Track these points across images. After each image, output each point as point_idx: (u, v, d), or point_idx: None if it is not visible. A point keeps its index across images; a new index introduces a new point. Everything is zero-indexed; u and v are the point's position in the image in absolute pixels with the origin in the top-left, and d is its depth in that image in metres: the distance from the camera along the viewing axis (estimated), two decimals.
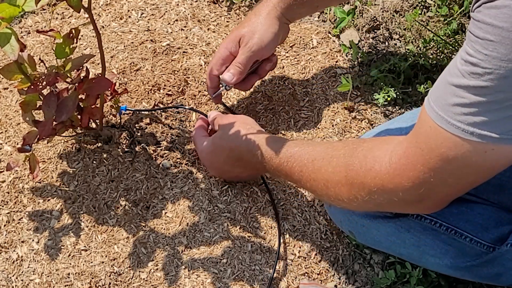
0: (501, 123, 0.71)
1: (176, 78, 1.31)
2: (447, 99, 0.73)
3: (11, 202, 1.14)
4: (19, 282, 1.07)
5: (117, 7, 1.45)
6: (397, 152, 0.83)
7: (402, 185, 0.82)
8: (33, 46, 1.37)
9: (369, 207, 0.94)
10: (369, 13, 1.46)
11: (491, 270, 0.98)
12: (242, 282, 1.08)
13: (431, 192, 0.82)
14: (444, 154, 0.76)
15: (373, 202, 0.88)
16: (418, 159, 0.79)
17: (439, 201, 0.87)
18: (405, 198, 0.84)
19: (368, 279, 1.11)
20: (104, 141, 1.21)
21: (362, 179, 0.86)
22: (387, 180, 0.83)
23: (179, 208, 1.15)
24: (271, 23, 1.15)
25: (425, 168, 0.79)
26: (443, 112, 0.74)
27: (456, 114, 0.72)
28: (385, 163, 0.84)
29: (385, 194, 0.85)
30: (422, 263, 1.05)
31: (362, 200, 0.89)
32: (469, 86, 0.70)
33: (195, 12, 1.45)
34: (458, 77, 0.71)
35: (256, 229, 1.14)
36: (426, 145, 0.78)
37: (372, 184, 0.85)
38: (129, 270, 1.08)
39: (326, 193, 0.94)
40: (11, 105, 1.28)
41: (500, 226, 0.98)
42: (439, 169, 0.78)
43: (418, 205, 0.86)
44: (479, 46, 0.68)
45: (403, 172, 0.81)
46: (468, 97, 0.70)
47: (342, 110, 1.31)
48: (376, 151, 0.87)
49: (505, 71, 0.66)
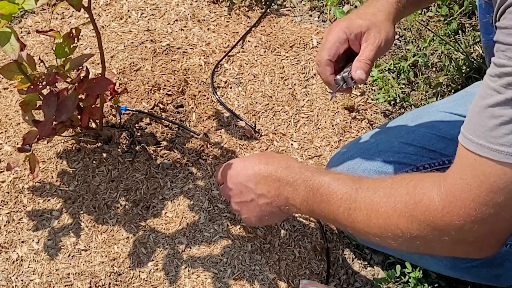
0: None
1: (176, 78, 1.31)
2: (485, 124, 0.69)
3: (11, 202, 1.14)
4: (19, 282, 1.07)
5: (117, 7, 1.45)
6: (445, 188, 0.77)
7: (453, 223, 0.75)
8: (33, 46, 1.37)
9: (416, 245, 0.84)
10: None
11: (491, 270, 0.98)
12: (242, 282, 1.08)
13: (485, 230, 0.75)
14: (494, 184, 0.70)
15: (421, 239, 0.81)
16: (466, 195, 0.73)
17: (494, 240, 0.78)
18: (455, 238, 0.77)
19: (368, 279, 1.11)
20: (104, 141, 1.21)
21: (412, 211, 0.79)
22: (437, 217, 0.77)
23: (179, 208, 1.15)
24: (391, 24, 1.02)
25: (476, 204, 0.73)
26: (483, 140, 0.70)
27: (498, 138, 0.68)
28: (434, 198, 0.77)
29: (435, 231, 0.78)
30: (422, 264, 1.05)
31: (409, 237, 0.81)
32: (507, 100, 0.66)
33: (195, 12, 1.45)
34: (492, 96, 0.68)
35: (256, 229, 1.14)
36: (474, 179, 0.72)
37: (421, 218, 0.78)
38: (129, 270, 1.08)
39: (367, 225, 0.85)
40: (11, 105, 1.28)
41: None
42: (491, 202, 0.72)
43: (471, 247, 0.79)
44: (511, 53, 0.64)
45: (453, 210, 0.75)
46: (507, 114, 0.66)
47: (342, 110, 1.31)
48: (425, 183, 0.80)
49: None
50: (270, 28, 1.44)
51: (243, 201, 1.00)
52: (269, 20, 1.46)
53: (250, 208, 1.00)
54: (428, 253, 0.87)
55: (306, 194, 0.92)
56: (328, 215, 0.91)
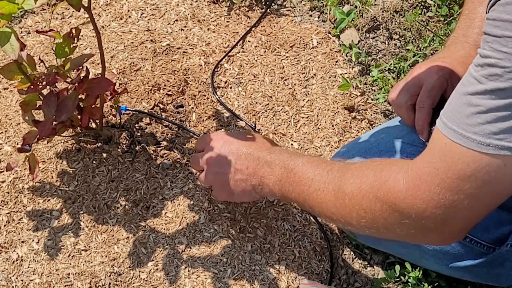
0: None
1: (176, 78, 1.31)
2: (462, 111, 0.69)
3: (11, 202, 1.14)
4: (19, 282, 1.07)
5: (117, 7, 1.45)
6: (412, 170, 0.77)
7: (416, 207, 0.75)
8: (33, 46, 1.37)
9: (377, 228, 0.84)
10: (369, 13, 1.46)
11: (491, 270, 0.98)
12: (242, 282, 1.08)
13: (447, 217, 0.75)
14: (461, 171, 0.70)
15: (382, 222, 0.81)
16: (432, 179, 0.73)
17: (456, 229, 0.78)
18: (417, 222, 0.77)
19: (368, 279, 1.11)
20: (104, 141, 1.21)
21: (376, 192, 0.80)
22: (400, 199, 0.77)
23: (179, 208, 1.15)
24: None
25: (440, 189, 0.73)
26: (457, 125, 0.70)
27: (472, 126, 0.68)
28: (399, 180, 0.78)
29: (396, 213, 0.78)
30: (422, 263, 1.05)
31: (371, 218, 0.82)
32: (486, 90, 0.66)
33: (195, 12, 1.45)
34: (473, 85, 0.68)
35: (256, 229, 1.14)
36: (441, 164, 0.72)
37: (384, 199, 0.79)
38: (129, 270, 1.08)
39: (334, 204, 0.87)
40: (11, 105, 1.28)
41: (500, 227, 0.98)
42: (456, 189, 0.72)
43: (432, 233, 0.79)
44: (497, 44, 0.65)
45: (416, 193, 0.75)
46: (485, 104, 0.66)
47: (342, 110, 1.31)
48: (392, 165, 0.81)
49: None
50: (270, 28, 1.44)
51: (219, 172, 1.02)
52: (269, 20, 1.46)
53: (225, 181, 1.02)
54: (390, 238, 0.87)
55: (280, 175, 0.95)
56: (299, 196, 0.93)
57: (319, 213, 0.91)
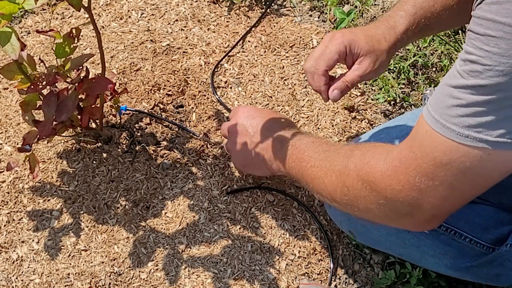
0: (498, 125, 0.68)
1: (176, 78, 1.31)
2: (444, 101, 0.72)
3: (11, 202, 1.14)
4: (19, 282, 1.07)
5: (117, 7, 1.45)
6: (393, 153, 0.81)
7: (392, 187, 0.79)
8: (33, 46, 1.37)
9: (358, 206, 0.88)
10: (369, 13, 1.46)
11: (491, 270, 0.98)
12: (242, 282, 1.08)
13: (421, 202, 0.78)
14: (438, 159, 0.73)
15: (362, 200, 0.85)
16: (411, 163, 0.76)
17: (429, 215, 0.80)
18: (394, 204, 0.80)
19: (368, 279, 1.11)
20: (104, 141, 1.21)
21: (358, 171, 0.85)
22: (378, 179, 0.81)
23: (179, 208, 1.15)
24: (388, 56, 1.05)
25: (417, 173, 0.75)
26: (438, 115, 0.72)
27: (452, 117, 0.70)
28: (381, 162, 0.81)
29: (374, 192, 0.82)
30: (422, 263, 1.05)
31: (353, 195, 0.86)
32: (467, 85, 0.68)
33: (195, 12, 1.45)
34: (456, 78, 0.70)
35: (256, 229, 1.14)
36: (420, 149, 0.75)
37: (365, 178, 0.83)
38: (129, 270, 1.08)
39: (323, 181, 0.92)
40: (11, 105, 1.28)
41: (500, 227, 0.98)
42: (431, 174, 0.74)
43: (407, 217, 0.81)
44: (479, 42, 0.66)
45: (395, 174, 0.78)
46: (466, 98, 0.69)
47: (342, 110, 1.31)
48: (377, 149, 0.85)
49: (505, 67, 0.64)
50: (270, 28, 1.44)
51: (238, 142, 1.11)
52: (269, 20, 1.46)
53: (242, 151, 1.11)
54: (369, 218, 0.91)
55: (288, 152, 1.03)
56: (298, 172, 1.00)
57: (312, 188, 0.97)
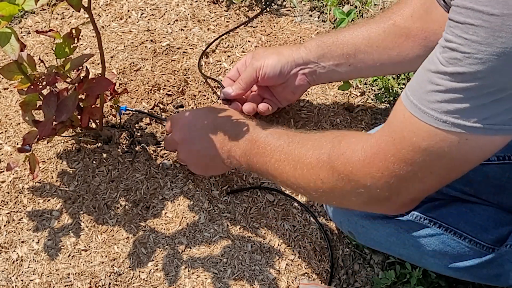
0: (476, 112, 0.68)
1: (176, 78, 1.31)
2: (423, 86, 0.72)
3: (11, 202, 1.15)
4: (19, 282, 1.07)
5: (117, 7, 1.45)
6: (370, 141, 0.81)
7: (371, 175, 0.79)
8: (33, 46, 1.37)
9: (334, 197, 0.89)
10: (369, 13, 1.46)
11: (491, 271, 0.98)
12: (242, 282, 1.08)
13: (400, 187, 0.79)
14: (416, 144, 0.73)
15: (338, 191, 0.85)
16: (389, 149, 0.77)
17: (408, 198, 0.82)
18: (373, 191, 0.81)
19: (368, 279, 1.11)
20: (104, 141, 1.21)
21: (333, 162, 0.84)
22: (357, 167, 0.81)
23: (179, 208, 1.15)
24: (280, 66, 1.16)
25: (395, 159, 0.76)
26: (417, 100, 0.72)
27: (430, 102, 0.71)
28: (357, 150, 0.81)
29: (352, 182, 0.82)
30: (421, 264, 1.05)
31: (328, 187, 0.86)
32: (446, 72, 0.69)
33: (195, 12, 1.45)
34: (435, 64, 0.70)
35: (256, 229, 1.14)
36: (398, 134, 0.75)
37: (341, 169, 0.83)
38: (129, 270, 1.09)
39: (293, 175, 0.92)
40: (11, 105, 1.28)
41: (500, 227, 0.98)
42: (410, 160, 0.75)
43: (386, 202, 0.83)
44: (459, 30, 0.67)
45: (373, 161, 0.79)
46: (444, 84, 0.69)
47: (342, 110, 1.31)
48: (351, 138, 0.85)
49: (483, 55, 0.65)
50: (270, 28, 1.44)
51: (190, 150, 1.09)
52: (269, 20, 1.46)
53: (196, 158, 1.09)
54: (346, 206, 0.92)
55: (246, 147, 1.01)
56: (261, 167, 0.98)
57: (281, 181, 0.96)
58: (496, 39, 0.63)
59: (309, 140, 0.92)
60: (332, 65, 1.15)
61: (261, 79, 1.16)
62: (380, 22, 1.11)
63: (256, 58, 1.17)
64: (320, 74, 1.17)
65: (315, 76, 1.17)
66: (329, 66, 1.15)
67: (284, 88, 1.19)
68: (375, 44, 1.11)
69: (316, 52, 1.15)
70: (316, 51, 1.15)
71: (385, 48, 1.10)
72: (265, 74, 1.15)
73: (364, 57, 1.12)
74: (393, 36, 1.09)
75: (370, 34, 1.11)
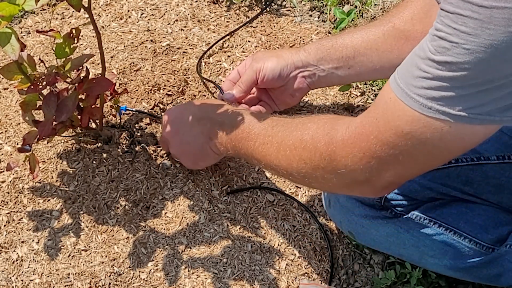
0: (460, 100, 0.69)
1: (176, 78, 1.31)
2: (411, 72, 0.72)
3: (11, 202, 1.15)
4: (19, 282, 1.07)
5: (117, 7, 1.45)
6: (355, 121, 0.81)
7: (353, 155, 0.80)
8: (33, 46, 1.37)
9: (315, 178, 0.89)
10: (369, 13, 1.46)
11: (490, 271, 0.98)
12: (242, 282, 1.08)
13: (381, 169, 0.79)
14: (399, 127, 0.74)
15: (320, 171, 0.86)
16: (372, 130, 0.77)
17: (388, 182, 0.82)
18: (353, 172, 0.81)
19: (368, 279, 1.11)
20: (104, 141, 1.21)
21: (316, 143, 0.85)
22: (339, 147, 0.81)
23: (179, 208, 1.15)
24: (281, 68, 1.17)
25: (378, 141, 0.76)
26: (404, 84, 0.72)
27: (417, 88, 0.71)
28: (342, 131, 0.82)
29: (334, 162, 0.83)
30: (421, 264, 1.05)
31: (310, 168, 0.86)
32: (434, 60, 0.69)
33: (195, 12, 1.45)
34: (424, 51, 0.71)
35: (256, 229, 1.14)
36: (382, 117, 0.76)
37: (323, 149, 0.83)
38: (129, 270, 1.09)
39: (276, 157, 0.92)
40: (11, 105, 1.28)
41: (500, 227, 0.98)
42: (392, 143, 0.75)
43: (366, 184, 0.83)
44: (448, 20, 0.67)
45: (356, 141, 0.79)
46: (432, 72, 0.69)
47: (342, 110, 1.31)
48: (336, 120, 0.85)
49: (471, 46, 0.65)
50: (270, 28, 1.44)
51: (181, 143, 1.10)
52: (269, 20, 1.46)
53: (187, 152, 1.11)
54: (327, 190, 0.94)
55: (231, 132, 1.01)
56: (246, 151, 0.99)
57: (265, 165, 0.97)
58: (484, 31, 0.64)
59: (293, 122, 0.92)
60: (332, 68, 1.15)
61: (261, 81, 1.16)
62: (379, 25, 1.12)
63: (256, 60, 1.17)
64: (320, 77, 1.17)
65: (315, 79, 1.17)
66: (329, 69, 1.15)
67: (283, 91, 1.19)
68: (374, 47, 1.11)
69: (315, 55, 1.15)
70: (315, 54, 1.15)
71: (384, 51, 1.10)
72: (264, 76, 1.15)
73: (363, 60, 1.13)
74: (392, 39, 1.09)
75: (370, 37, 1.12)
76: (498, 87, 0.67)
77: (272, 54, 1.18)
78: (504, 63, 0.65)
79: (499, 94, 0.68)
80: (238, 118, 1.01)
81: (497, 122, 0.71)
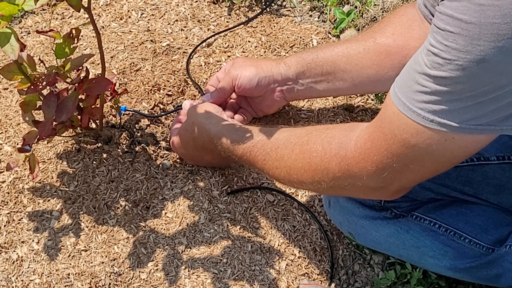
0: (460, 113, 0.71)
1: (176, 78, 1.31)
2: (410, 86, 0.74)
3: (11, 202, 1.15)
4: (19, 283, 1.07)
5: (117, 7, 1.45)
6: (363, 136, 0.83)
7: (367, 169, 0.82)
8: (33, 46, 1.37)
9: (334, 192, 0.96)
10: (369, 13, 1.46)
11: (490, 271, 0.98)
12: (242, 282, 1.08)
13: (394, 178, 0.82)
14: (406, 140, 0.76)
15: (337, 187, 0.89)
16: (381, 144, 0.80)
17: (401, 187, 0.86)
18: (368, 183, 0.84)
19: (368, 280, 1.11)
20: (104, 141, 1.21)
21: (326, 164, 0.87)
22: (352, 164, 0.84)
23: (179, 208, 1.15)
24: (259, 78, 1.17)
25: (388, 153, 0.79)
26: (405, 98, 0.74)
27: (418, 102, 0.73)
28: (351, 147, 0.84)
29: (349, 178, 0.86)
30: (421, 264, 1.05)
31: (326, 186, 0.89)
32: (430, 75, 0.71)
33: (195, 12, 1.45)
34: (421, 66, 0.72)
35: (256, 229, 1.14)
36: (389, 131, 0.78)
37: (336, 169, 0.86)
38: (129, 270, 1.09)
39: (289, 179, 0.95)
40: (11, 105, 1.28)
41: (499, 228, 0.98)
42: (401, 155, 0.78)
43: (380, 191, 0.86)
44: (440, 37, 0.69)
45: (368, 156, 0.82)
46: (430, 86, 0.71)
47: (342, 110, 1.31)
48: (341, 137, 0.87)
49: (463, 62, 0.67)
50: (270, 28, 1.44)
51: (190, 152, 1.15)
52: (269, 20, 1.46)
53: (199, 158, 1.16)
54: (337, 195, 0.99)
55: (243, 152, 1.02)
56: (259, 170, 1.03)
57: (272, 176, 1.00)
58: (475, 47, 0.65)
59: (297, 144, 0.94)
60: (311, 82, 1.16)
61: (237, 88, 1.17)
62: (361, 40, 1.12)
63: (234, 67, 1.18)
64: (298, 91, 1.18)
65: (293, 94, 1.19)
66: (308, 83, 1.16)
67: (261, 101, 1.21)
68: (354, 62, 1.12)
69: (295, 69, 1.16)
70: (295, 68, 1.16)
71: (364, 66, 1.11)
72: (241, 85, 1.16)
73: (343, 75, 1.14)
74: (373, 54, 1.10)
75: (350, 51, 1.12)
76: (495, 98, 0.69)
77: (252, 63, 1.17)
78: (498, 75, 0.67)
79: (497, 104, 0.70)
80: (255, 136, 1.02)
81: (498, 131, 0.73)
